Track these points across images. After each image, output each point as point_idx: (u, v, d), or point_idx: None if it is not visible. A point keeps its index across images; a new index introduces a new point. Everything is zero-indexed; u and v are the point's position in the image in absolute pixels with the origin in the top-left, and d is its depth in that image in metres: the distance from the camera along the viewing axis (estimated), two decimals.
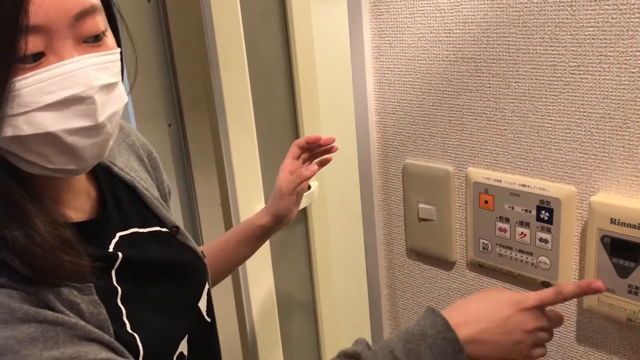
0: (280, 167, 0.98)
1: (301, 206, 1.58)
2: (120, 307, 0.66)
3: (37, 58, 0.54)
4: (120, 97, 0.62)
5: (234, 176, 1.35)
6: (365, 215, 1.01)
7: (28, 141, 0.55)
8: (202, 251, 0.84)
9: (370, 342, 0.71)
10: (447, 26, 0.80)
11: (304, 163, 1.00)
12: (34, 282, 0.57)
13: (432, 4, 0.81)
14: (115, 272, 0.67)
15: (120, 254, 0.68)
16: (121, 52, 0.66)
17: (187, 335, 0.74)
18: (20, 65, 0.53)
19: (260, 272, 1.47)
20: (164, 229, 0.77)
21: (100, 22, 0.60)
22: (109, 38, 0.62)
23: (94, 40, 0.59)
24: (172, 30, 1.35)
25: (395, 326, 1.04)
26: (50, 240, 0.58)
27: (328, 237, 1.70)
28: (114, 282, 0.67)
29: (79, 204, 0.70)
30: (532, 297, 0.71)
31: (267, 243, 1.30)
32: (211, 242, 1.01)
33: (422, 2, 0.82)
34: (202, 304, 0.79)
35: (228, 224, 1.56)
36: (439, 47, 0.82)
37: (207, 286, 0.81)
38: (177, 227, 0.79)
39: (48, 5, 0.53)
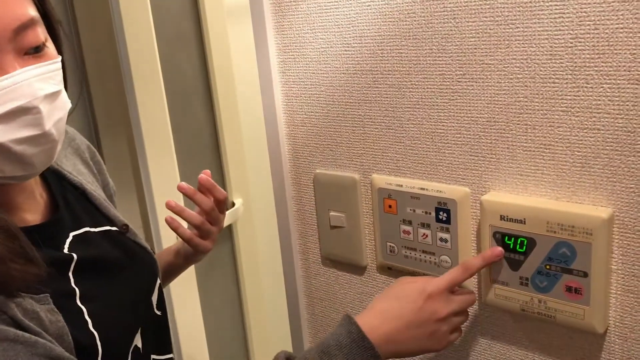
0: None
1: (226, 224, 1.59)
2: (80, 307, 0.68)
3: None
4: (64, 103, 0.64)
5: (153, 199, 1.35)
6: (281, 226, 1.03)
7: None
8: (151, 247, 0.86)
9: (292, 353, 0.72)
10: (345, 40, 0.85)
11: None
12: None
13: (331, 19, 0.85)
14: (72, 273, 0.69)
15: (75, 255, 0.71)
16: (63, 60, 0.68)
17: (140, 329, 0.75)
18: None
19: (185, 294, 1.46)
20: (114, 228, 0.79)
21: (40, 33, 0.62)
22: (50, 48, 0.65)
23: (35, 52, 0.61)
24: (85, 51, 1.34)
25: (315, 334, 1.06)
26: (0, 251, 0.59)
27: (256, 253, 1.71)
28: (72, 284, 0.69)
29: (33, 206, 0.72)
30: (440, 281, 0.73)
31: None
32: None
33: (321, 18, 0.86)
34: (154, 298, 0.81)
35: (152, 248, 1.55)
36: (339, 60, 0.86)
37: (158, 281, 0.83)
38: (127, 225, 0.82)
39: None
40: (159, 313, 0.82)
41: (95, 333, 0.67)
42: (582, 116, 0.69)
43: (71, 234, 0.73)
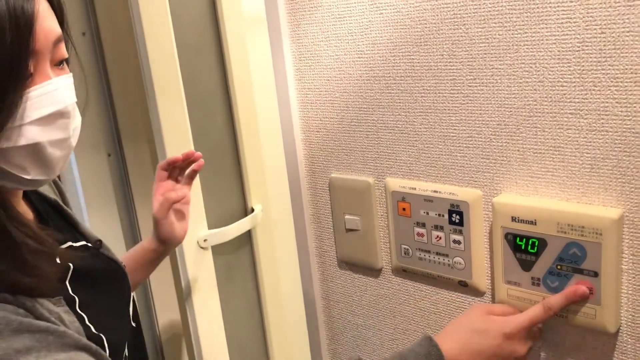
0: (152, 192, 1.00)
1: (245, 229, 1.61)
2: (81, 314, 0.70)
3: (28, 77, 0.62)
4: (79, 114, 0.70)
5: None
6: (298, 230, 1.05)
7: (13, 153, 0.61)
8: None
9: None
10: (358, 48, 0.87)
11: (177, 181, 1.00)
12: (22, 296, 0.62)
13: (344, 27, 0.88)
14: (69, 282, 0.72)
15: (71, 265, 0.73)
16: None
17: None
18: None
19: (206, 299, 1.48)
20: (89, 244, 0.81)
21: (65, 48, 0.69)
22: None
23: (60, 64, 0.67)
24: (108, 62, 1.38)
25: (332, 337, 1.08)
26: (31, 262, 0.62)
27: (275, 257, 1.72)
28: (70, 292, 0.71)
29: None
30: (521, 321, 0.74)
31: (211, 269, 1.32)
32: None
33: (335, 27, 0.89)
34: (130, 310, 0.83)
35: (172, 254, 1.58)
36: (352, 67, 0.89)
37: (132, 294, 0.86)
38: (100, 241, 0.84)
39: (42, 31, 0.62)
40: (134, 325, 0.84)
41: (102, 336, 0.69)
42: (590, 118, 0.70)
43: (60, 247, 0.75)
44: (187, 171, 1.01)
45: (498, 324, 0.74)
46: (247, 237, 1.72)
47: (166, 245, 1.00)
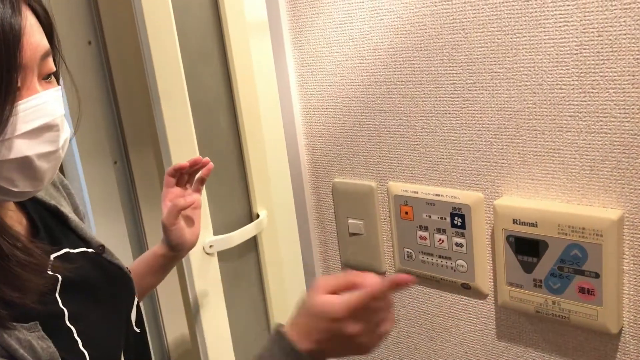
0: (161, 199, 1.00)
1: (250, 235, 1.62)
2: (70, 327, 0.70)
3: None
4: (68, 126, 0.71)
5: None
6: (302, 235, 1.06)
7: (1, 166, 0.62)
8: (127, 267, 0.88)
9: None
10: (359, 53, 0.88)
11: (185, 186, 1.01)
12: None
13: (346, 34, 0.89)
14: (59, 294, 0.72)
15: (59, 276, 0.72)
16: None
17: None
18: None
19: (212, 303, 1.49)
20: (90, 250, 0.82)
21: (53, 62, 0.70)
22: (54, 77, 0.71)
23: (48, 77, 0.69)
24: (114, 70, 1.40)
25: None
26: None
27: (281, 263, 1.73)
28: (60, 305, 0.71)
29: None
30: (340, 302, 0.66)
31: (217, 275, 1.33)
32: None
33: (337, 33, 0.90)
34: (132, 315, 0.83)
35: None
36: (354, 73, 0.90)
37: (136, 299, 0.85)
38: (103, 246, 0.84)
39: (29, 46, 0.63)
40: (138, 330, 0.83)
41: (85, 352, 0.69)
42: (589, 120, 0.71)
43: (52, 256, 0.74)
44: (197, 177, 1.01)
45: (323, 306, 0.67)
46: (253, 243, 1.72)
47: (177, 251, 1.00)
